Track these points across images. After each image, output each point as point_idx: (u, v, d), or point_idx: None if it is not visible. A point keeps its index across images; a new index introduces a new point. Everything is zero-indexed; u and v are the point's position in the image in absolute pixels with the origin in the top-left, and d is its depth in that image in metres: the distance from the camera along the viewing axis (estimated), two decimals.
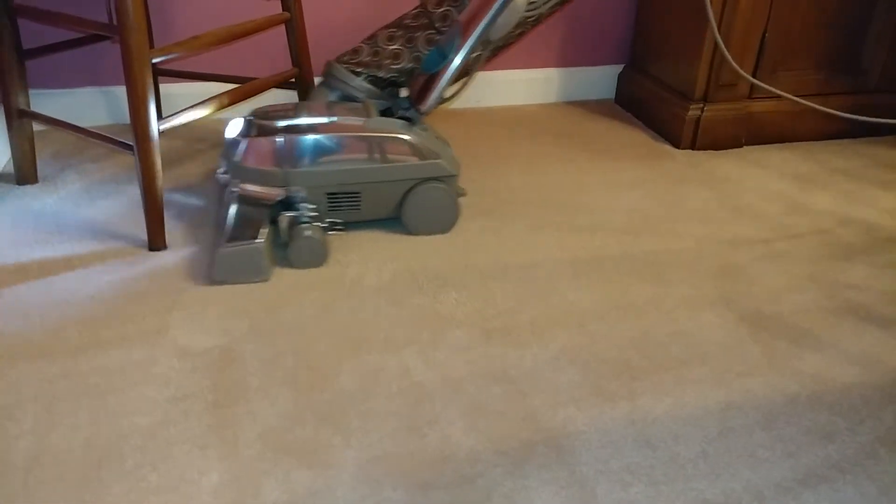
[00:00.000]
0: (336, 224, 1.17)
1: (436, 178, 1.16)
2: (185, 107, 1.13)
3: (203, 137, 1.54)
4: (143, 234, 1.15)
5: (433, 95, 1.16)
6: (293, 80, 1.35)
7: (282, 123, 1.13)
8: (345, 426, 0.81)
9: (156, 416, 0.81)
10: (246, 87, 1.22)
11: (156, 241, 1.12)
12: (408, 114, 1.19)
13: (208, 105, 1.15)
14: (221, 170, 1.15)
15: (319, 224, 1.11)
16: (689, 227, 1.25)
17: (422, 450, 0.78)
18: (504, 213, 1.27)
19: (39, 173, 1.33)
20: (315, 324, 0.97)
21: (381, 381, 0.87)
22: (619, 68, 1.82)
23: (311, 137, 1.12)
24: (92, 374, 0.86)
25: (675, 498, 0.73)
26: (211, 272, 1.06)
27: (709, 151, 1.56)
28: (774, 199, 1.36)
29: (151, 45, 1.32)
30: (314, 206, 1.13)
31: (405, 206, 1.17)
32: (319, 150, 1.12)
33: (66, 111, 1.54)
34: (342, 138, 1.12)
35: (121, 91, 1.55)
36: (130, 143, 1.06)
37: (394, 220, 1.20)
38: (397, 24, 1.33)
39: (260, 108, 1.18)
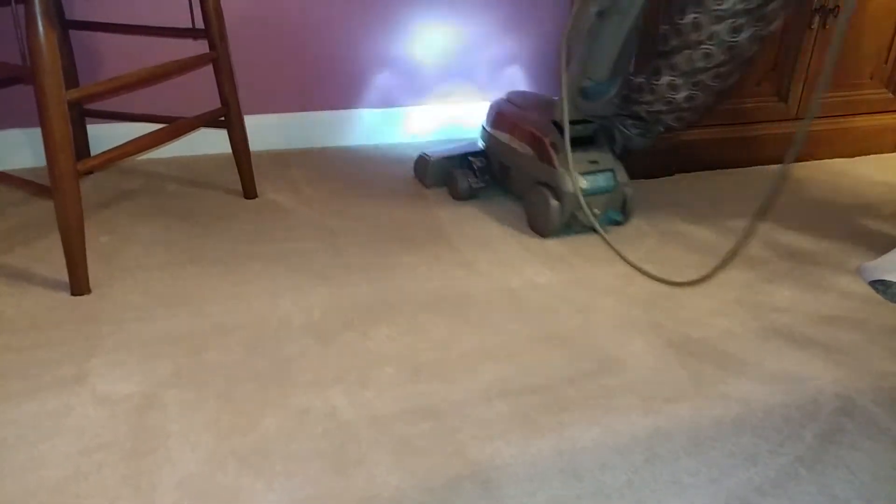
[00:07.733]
0: (483, 181, 1.43)
1: (548, 185, 1.28)
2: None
3: (135, 178, 1.51)
4: (66, 279, 1.12)
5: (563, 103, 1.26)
6: (222, 118, 1.34)
7: (508, 96, 1.46)
8: (267, 470, 0.78)
9: (66, 470, 0.77)
10: (172, 127, 1.21)
11: (78, 287, 1.09)
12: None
13: (132, 145, 1.13)
14: None
15: (474, 173, 1.42)
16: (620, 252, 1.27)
17: (346, 491, 0.76)
18: (437, 246, 1.27)
19: None
20: (241, 365, 0.95)
21: (307, 423, 0.85)
22: None
23: (505, 109, 1.41)
24: None
25: None
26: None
27: (640, 180, 1.59)
28: (702, 223, 1.39)
29: (73, 86, 1.30)
30: (485, 164, 1.44)
31: (525, 196, 1.35)
32: (502, 124, 1.40)
33: None
34: (518, 122, 1.35)
35: None
36: (48, 186, 1.04)
37: (330, 260, 1.19)
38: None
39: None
